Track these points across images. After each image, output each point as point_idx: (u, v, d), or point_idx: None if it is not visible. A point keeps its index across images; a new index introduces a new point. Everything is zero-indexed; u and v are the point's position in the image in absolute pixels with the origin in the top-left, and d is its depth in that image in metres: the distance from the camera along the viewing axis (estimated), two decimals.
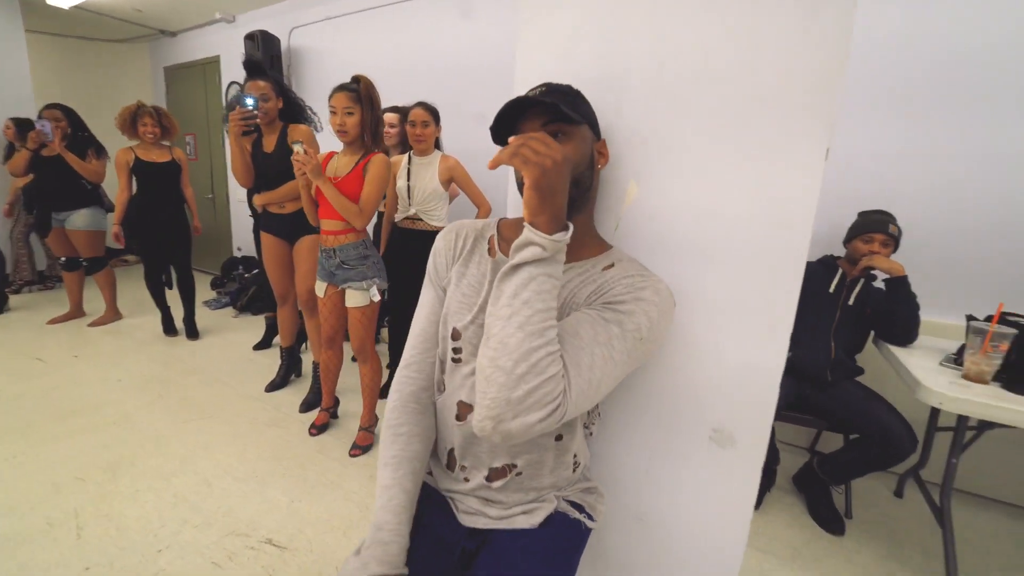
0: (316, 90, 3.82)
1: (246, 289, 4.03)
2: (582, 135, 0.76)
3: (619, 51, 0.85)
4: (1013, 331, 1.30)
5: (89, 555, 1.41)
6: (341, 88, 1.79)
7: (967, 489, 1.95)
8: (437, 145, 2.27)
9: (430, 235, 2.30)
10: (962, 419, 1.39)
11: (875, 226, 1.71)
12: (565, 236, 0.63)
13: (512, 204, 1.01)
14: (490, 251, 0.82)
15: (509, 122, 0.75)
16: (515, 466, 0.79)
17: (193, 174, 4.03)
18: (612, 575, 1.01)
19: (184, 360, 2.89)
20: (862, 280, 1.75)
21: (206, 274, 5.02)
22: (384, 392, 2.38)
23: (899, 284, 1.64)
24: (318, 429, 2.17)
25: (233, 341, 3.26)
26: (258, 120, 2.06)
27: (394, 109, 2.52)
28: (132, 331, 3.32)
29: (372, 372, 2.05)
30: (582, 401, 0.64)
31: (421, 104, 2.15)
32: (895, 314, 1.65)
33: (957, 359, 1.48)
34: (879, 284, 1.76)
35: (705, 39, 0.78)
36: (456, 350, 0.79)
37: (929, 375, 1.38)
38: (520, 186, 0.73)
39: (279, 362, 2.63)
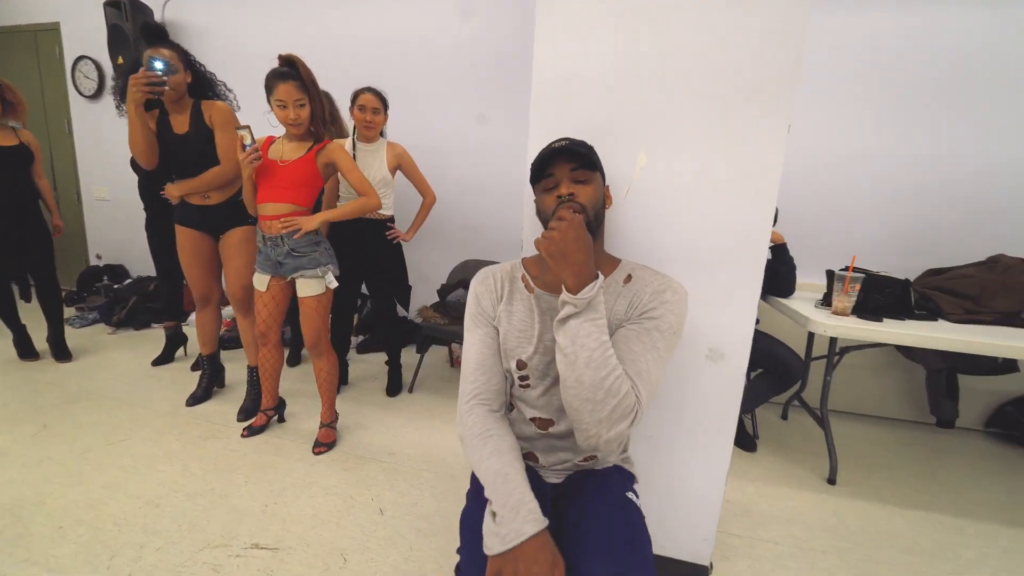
0: None
1: (121, 301, 3.45)
2: (598, 180, 0.93)
3: (630, 48, 1.03)
4: (862, 275, 1.78)
5: None
6: (284, 78, 1.67)
7: (838, 408, 2.53)
8: (381, 132, 2.25)
9: (379, 223, 2.28)
10: (832, 343, 1.86)
11: None
12: (592, 289, 0.76)
13: (527, 240, 1.16)
14: (527, 288, 0.96)
15: (542, 165, 0.91)
16: (595, 456, 0.96)
17: None
18: None
19: (61, 385, 2.42)
20: None
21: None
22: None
23: (781, 250, 2.09)
24: (251, 431, 2.01)
25: (120, 360, 2.80)
26: (167, 88, 1.79)
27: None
28: None
29: (330, 366, 1.96)
30: (650, 399, 0.80)
31: (371, 90, 2.11)
32: (779, 273, 2.10)
33: (824, 302, 1.96)
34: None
35: (700, 42, 0.99)
36: (523, 378, 0.93)
37: (811, 314, 1.82)
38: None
39: (195, 374, 2.35)
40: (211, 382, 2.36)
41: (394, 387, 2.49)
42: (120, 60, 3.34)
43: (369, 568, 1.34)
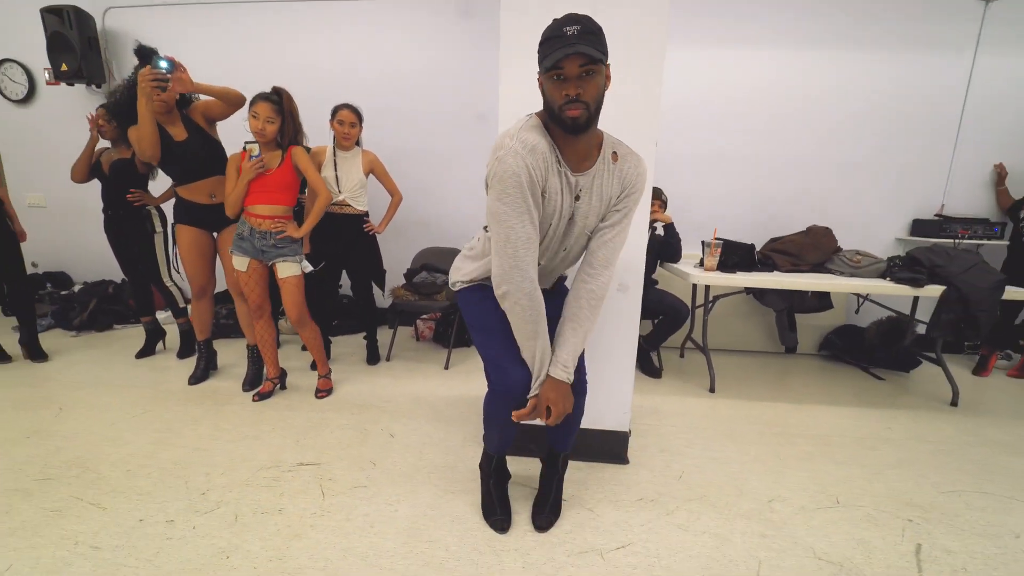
0: None
1: (79, 305, 3.51)
2: (602, 69, 1.04)
3: None
4: (722, 241, 2.55)
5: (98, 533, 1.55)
6: (265, 98, 2.12)
7: (717, 347, 3.35)
8: (357, 142, 2.68)
9: (356, 218, 2.71)
10: (707, 291, 2.62)
11: (655, 194, 2.88)
12: (570, 371, 1.25)
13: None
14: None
15: (543, 52, 1.04)
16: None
17: None
18: None
19: (53, 379, 2.58)
20: (651, 229, 2.92)
21: None
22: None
23: (670, 228, 2.83)
24: (261, 396, 2.37)
25: (98, 356, 2.96)
26: (169, 89, 2.08)
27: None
28: None
29: (314, 332, 2.39)
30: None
31: (348, 106, 2.55)
32: (670, 244, 2.84)
33: (700, 264, 2.72)
34: (659, 231, 2.95)
35: None
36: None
37: (691, 272, 2.55)
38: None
39: (183, 361, 2.65)
40: (208, 365, 2.65)
41: (373, 357, 2.93)
42: (64, 67, 3.39)
43: (395, 466, 1.83)
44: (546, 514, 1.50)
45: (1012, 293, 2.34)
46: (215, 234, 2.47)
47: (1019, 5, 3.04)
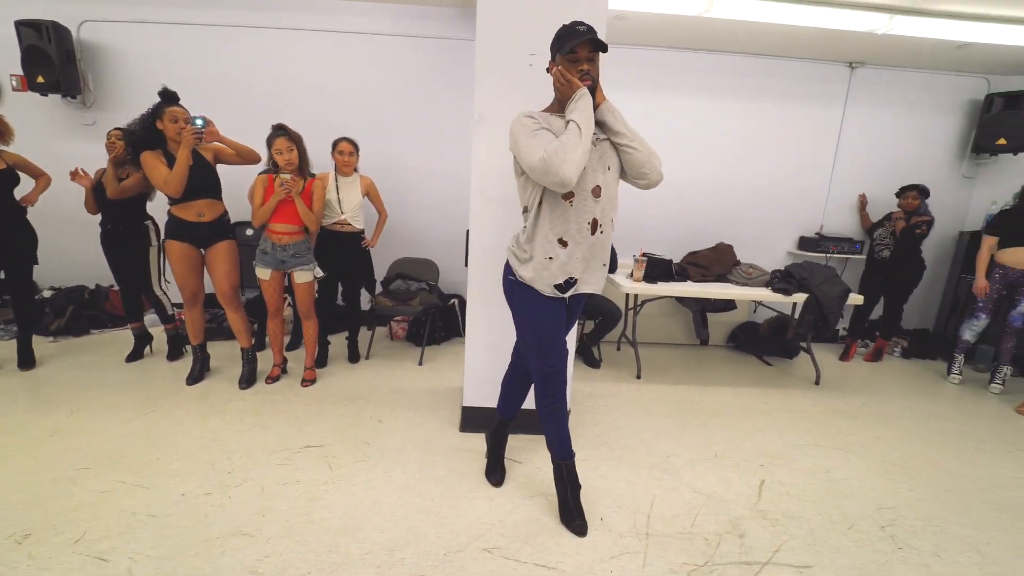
0: (119, 96, 3.74)
1: (51, 310, 3.64)
2: (599, 56, 1.51)
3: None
4: (646, 258, 3.16)
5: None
6: (277, 135, 2.58)
7: (646, 340, 4.01)
8: (355, 168, 3.08)
9: (356, 236, 3.13)
10: (636, 297, 3.23)
11: None
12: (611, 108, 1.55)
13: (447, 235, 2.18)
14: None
15: (562, 43, 1.48)
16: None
17: None
18: None
19: (52, 383, 2.81)
20: None
21: None
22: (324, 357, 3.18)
23: None
24: (273, 380, 2.88)
25: (89, 362, 3.16)
26: (204, 140, 2.52)
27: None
28: None
29: (315, 327, 2.90)
30: None
31: (347, 139, 2.98)
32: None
33: (631, 275, 3.32)
34: None
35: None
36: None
37: (623, 282, 3.15)
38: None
39: (174, 364, 3.02)
40: (203, 368, 2.97)
41: (354, 356, 3.34)
42: (41, 79, 3.49)
43: (386, 445, 2.28)
44: (576, 522, 1.73)
45: (854, 299, 3.11)
46: (203, 250, 2.78)
47: (876, 72, 3.87)
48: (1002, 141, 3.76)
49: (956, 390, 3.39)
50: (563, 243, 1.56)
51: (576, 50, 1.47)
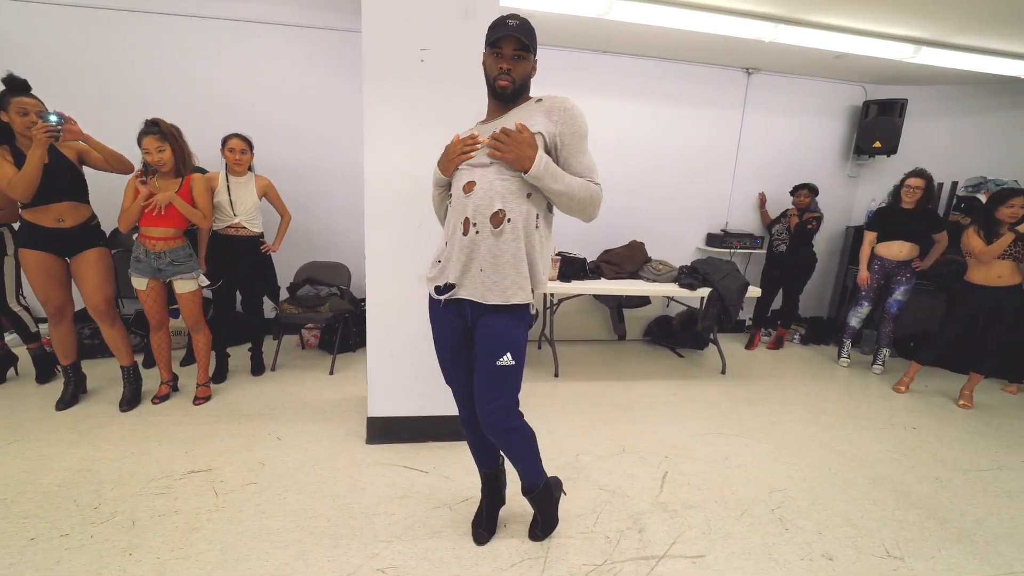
0: None
1: None
2: (531, 57, 1.32)
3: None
4: (559, 256, 3.19)
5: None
6: (146, 133, 2.30)
7: (565, 338, 4.07)
8: (249, 167, 2.84)
9: (253, 240, 2.88)
10: (552, 296, 3.26)
11: None
12: (541, 161, 1.26)
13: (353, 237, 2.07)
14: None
15: (496, 39, 1.28)
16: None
17: None
18: None
19: None
20: None
21: None
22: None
23: None
24: (160, 399, 2.60)
25: None
26: (61, 139, 2.20)
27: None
28: None
29: (206, 340, 2.66)
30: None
31: (238, 135, 2.73)
32: None
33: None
34: None
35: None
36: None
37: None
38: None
39: (44, 387, 2.69)
40: (76, 389, 2.64)
41: (258, 368, 3.11)
42: None
43: (282, 464, 2.13)
44: (536, 531, 1.74)
45: (753, 291, 3.33)
46: (68, 258, 2.46)
47: (770, 78, 4.15)
48: (877, 144, 4.17)
49: (845, 373, 3.72)
50: (447, 244, 1.47)
51: (500, 44, 1.31)
